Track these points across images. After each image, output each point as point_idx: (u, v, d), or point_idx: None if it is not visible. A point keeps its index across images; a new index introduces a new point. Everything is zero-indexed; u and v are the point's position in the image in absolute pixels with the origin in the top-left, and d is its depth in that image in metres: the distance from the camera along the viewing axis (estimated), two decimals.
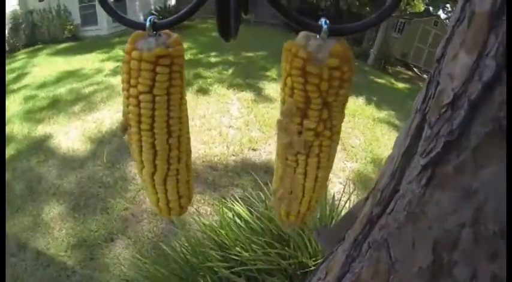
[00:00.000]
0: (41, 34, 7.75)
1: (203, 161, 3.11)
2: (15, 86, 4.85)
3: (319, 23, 0.28)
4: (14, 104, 4.26)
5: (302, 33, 0.29)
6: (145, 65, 0.30)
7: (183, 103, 0.34)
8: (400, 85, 7.11)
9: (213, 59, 5.97)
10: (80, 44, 7.48)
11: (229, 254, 1.23)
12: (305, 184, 0.37)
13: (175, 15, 0.31)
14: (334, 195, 1.85)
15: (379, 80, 6.84)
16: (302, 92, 0.30)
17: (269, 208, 1.40)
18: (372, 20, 0.30)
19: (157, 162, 0.35)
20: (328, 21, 0.28)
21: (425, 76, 8.01)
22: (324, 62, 0.28)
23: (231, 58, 6.01)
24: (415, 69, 9.42)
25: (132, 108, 0.32)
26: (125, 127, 0.34)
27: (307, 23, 0.29)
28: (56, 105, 4.23)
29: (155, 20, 0.30)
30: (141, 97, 0.31)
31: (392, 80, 7.29)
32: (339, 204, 1.58)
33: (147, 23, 0.30)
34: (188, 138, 0.38)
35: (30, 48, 7.26)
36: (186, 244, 1.36)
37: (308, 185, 0.37)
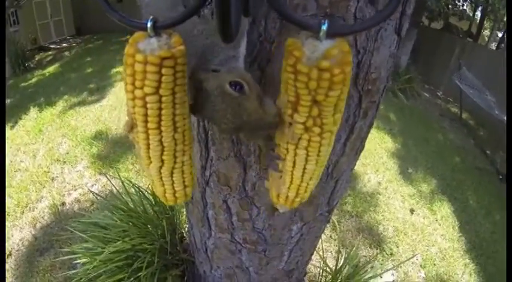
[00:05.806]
0: None
1: None
2: None
3: (319, 23, 0.28)
4: None
5: (304, 32, 0.30)
6: (150, 68, 0.30)
7: (186, 100, 0.35)
8: None
9: None
10: None
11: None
12: (293, 172, 0.40)
13: (177, 15, 0.30)
14: None
15: None
16: (293, 87, 0.32)
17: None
18: (372, 20, 0.30)
19: (164, 157, 0.37)
20: (328, 22, 0.28)
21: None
22: (315, 63, 0.29)
23: None
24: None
25: (138, 109, 0.33)
26: (130, 127, 0.35)
27: (305, 23, 0.29)
28: None
29: (156, 20, 0.30)
30: (148, 98, 0.32)
31: None
32: None
33: (148, 24, 0.29)
34: (190, 130, 0.39)
35: None
36: None
37: (296, 174, 0.40)
